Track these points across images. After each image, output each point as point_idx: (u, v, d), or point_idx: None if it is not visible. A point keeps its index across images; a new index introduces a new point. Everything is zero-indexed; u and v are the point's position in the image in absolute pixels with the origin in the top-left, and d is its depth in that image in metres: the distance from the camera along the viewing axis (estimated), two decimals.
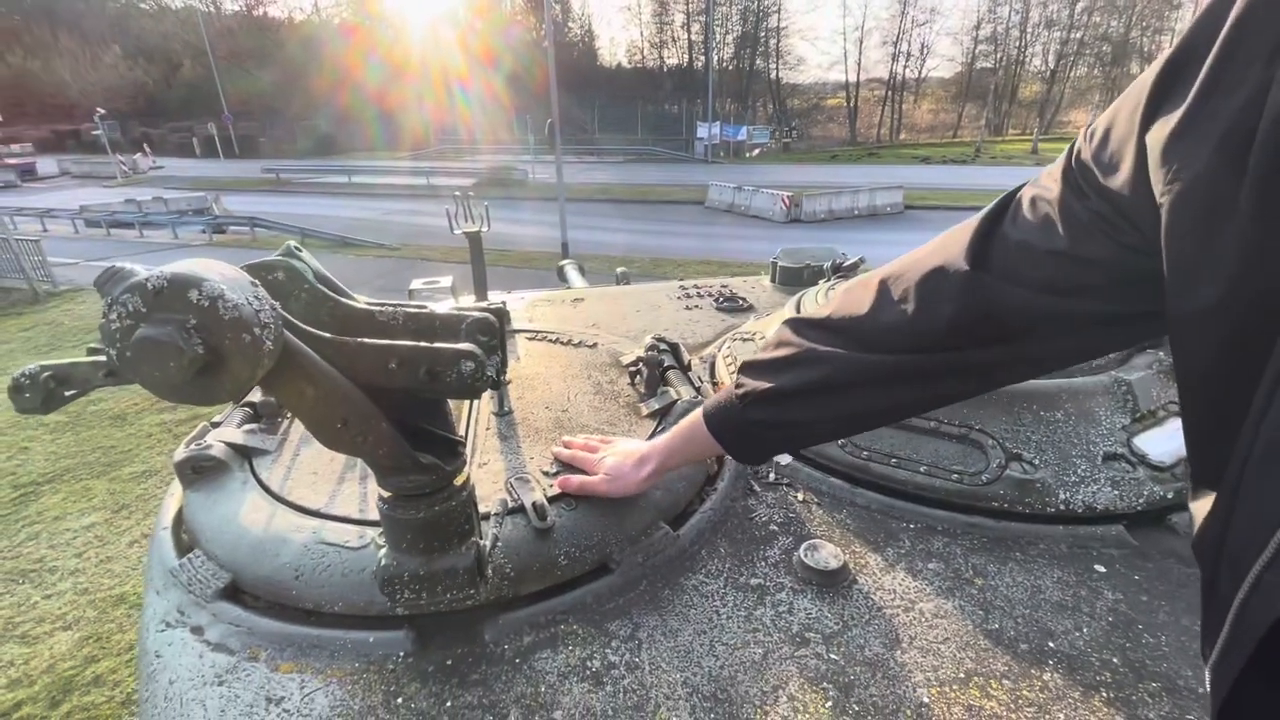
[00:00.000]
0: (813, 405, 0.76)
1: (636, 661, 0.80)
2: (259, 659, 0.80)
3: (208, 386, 0.53)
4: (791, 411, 0.77)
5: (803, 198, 17.61)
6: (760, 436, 0.82)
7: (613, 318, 1.95)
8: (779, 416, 0.78)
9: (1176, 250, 0.47)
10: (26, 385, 0.60)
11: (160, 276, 0.51)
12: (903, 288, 0.69)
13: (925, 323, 0.67)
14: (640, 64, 51.30)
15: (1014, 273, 0.61)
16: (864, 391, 0.73)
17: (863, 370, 0.72)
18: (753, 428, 0.80)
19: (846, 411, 0.76)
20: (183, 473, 1.06)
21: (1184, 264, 0.47)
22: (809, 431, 0.84)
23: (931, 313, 0.66)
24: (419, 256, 14.14)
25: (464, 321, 0.74)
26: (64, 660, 3.47)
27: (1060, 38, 46.53)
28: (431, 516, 0.72)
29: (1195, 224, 0.45)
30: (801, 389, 0.75)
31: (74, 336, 8.81)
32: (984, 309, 0.63)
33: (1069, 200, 0.58)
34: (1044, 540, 1.01)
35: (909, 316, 0.67)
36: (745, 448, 0.86)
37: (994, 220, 0.65)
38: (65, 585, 4.07)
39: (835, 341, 0.74)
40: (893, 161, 34.52)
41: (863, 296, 0.73)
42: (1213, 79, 0.44)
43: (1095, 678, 0.77)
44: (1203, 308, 0.45)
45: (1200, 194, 0.44)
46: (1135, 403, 1.12)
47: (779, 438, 0.84)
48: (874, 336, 0.71)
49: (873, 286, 0.73)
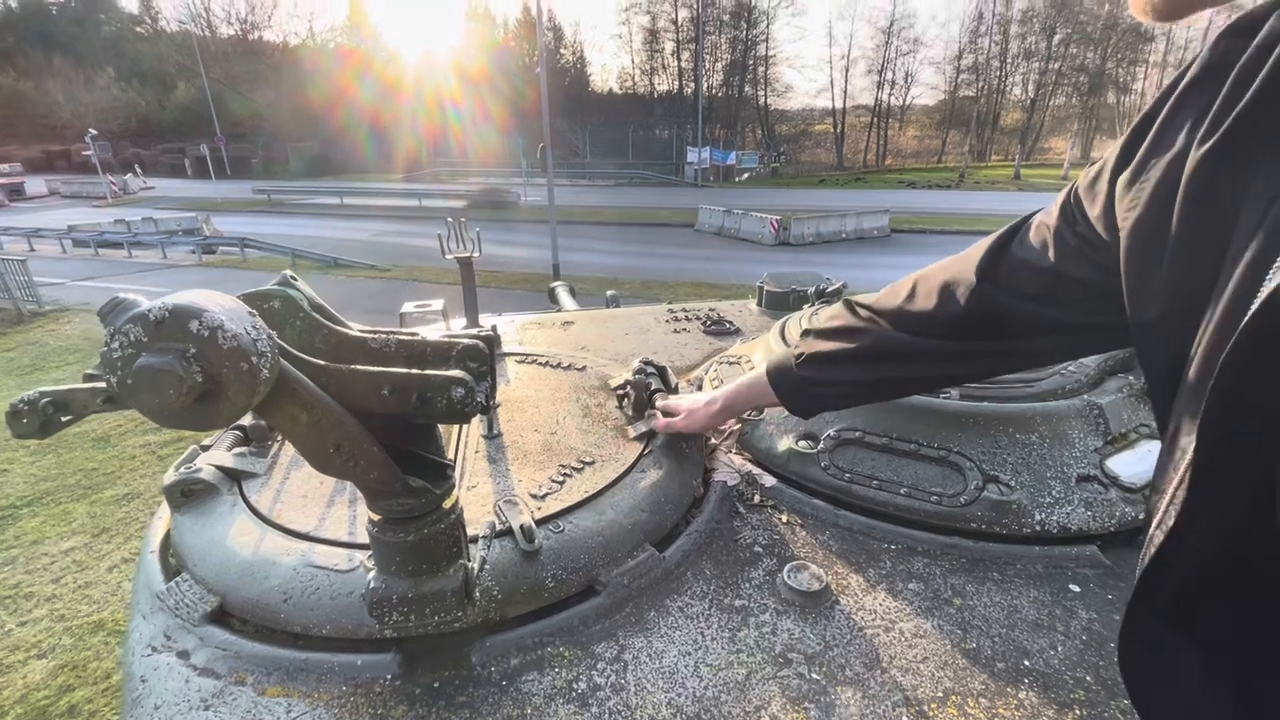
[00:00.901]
0: (854, 368, 0.95)
1: (622, 683, 0.81)
2: (246, 683, 0.80)
3: (205, 413, 0.55)
4: (835, 373, 0.97)
5: (791, 221, 17.88)
6: (808, 392, 1.01)
7: (602, 341, 1.98)
8: (827, 375, 0.98)
9: (1130, 273, 0.57)
10: (25, 411, 0.62)
11: (162, 307, 0.53)
12: (927, 287, 0.87)
13: (943, 317, 0.84)
14: (631, 90, 52.23)
15: (1014, 285, 0.76)
16: (893, 363, 0.91)
17: (895, 345, 0.90)
18: (803, 383, 1.01)
19: (879, 376, 0.94)
20: (172, 496, 1.06)
21: (1135, 284, 0.56)
22: (848, 391, 1.00)
23: (947, 310, 0.83)
24: (410, 278, 14.16)
25: (454, 348, 0.76)
26: (38, 690, 3.38)
27: (1039, 68, 47.98)
28: (420, 539, 0.73)
29: (1141, 252, 0.55)
30: (843, 355, 0.96)
31: (58, 357, 8.71)
32: (988, 311, 0.79)
33: (1062, 227, 0.71)
34: (1020, 560, 1.03)
35: (930, 310, 0.85)
36: (795, 399, 1.04)
37: (1006, 240, 0.80)
38: (41, 612, 3.97)
39: (877, 320, 0.93)
40: (879, 186, 35.16)
41: (900, 290, 0.92)
42: (1156, 140, 0.55)
43: (1069, 695, 0.79)
44: (1150, 320, 0.54)
45: (1143, 230, 0.54)
46: (1107, 426, 1.16)
47: (822, 394, 1.01)
48: (905, 321, 0.89)
49: (909, 283, 0.91)
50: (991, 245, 0.81)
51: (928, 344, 0.87)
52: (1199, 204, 0.49)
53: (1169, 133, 0.54)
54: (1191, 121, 0.51)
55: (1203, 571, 0.45)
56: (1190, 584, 0.46)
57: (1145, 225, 0.54)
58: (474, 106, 43.13)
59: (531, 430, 1.28)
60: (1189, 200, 0.49)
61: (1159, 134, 0.55)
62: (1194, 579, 0.45)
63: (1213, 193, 0.48)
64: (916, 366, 0.90)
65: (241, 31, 53.86)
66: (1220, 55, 0.51)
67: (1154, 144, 0.56)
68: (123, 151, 41.97)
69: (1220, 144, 0.47)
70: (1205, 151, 0.48)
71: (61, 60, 45.37)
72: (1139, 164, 0.56)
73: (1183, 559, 0.45)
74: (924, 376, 0.94)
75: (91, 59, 47.29)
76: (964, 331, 0.83)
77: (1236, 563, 0.44)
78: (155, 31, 54.21)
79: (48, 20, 52.33)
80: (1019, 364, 0.97)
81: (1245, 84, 0.46)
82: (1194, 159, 0.49)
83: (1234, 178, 0.46)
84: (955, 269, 0.84)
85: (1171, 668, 0.48)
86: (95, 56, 47.97)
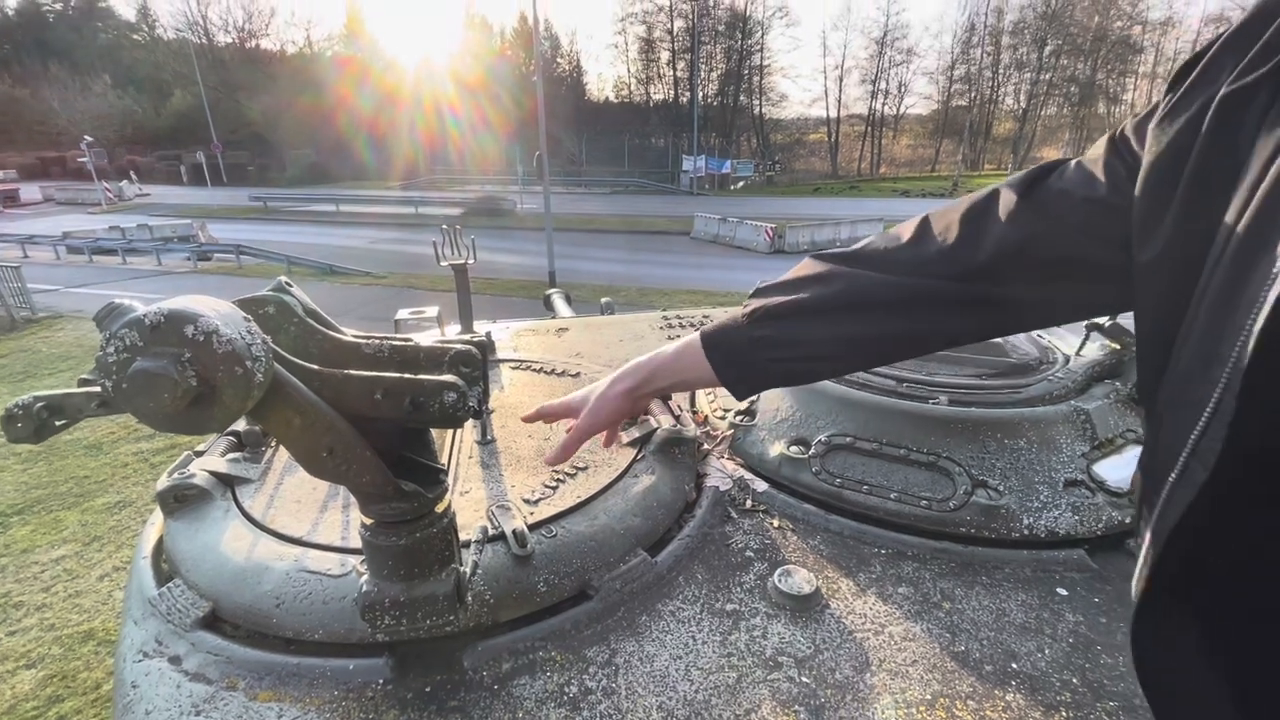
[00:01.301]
0: (821, 323, 0.75)
1: (613, 687, 0.81)
2: (237, 688, 0.80)
3: (199, 417, 0.56)
4: (797, 329, 0.76)
5: (786, 229, 17.99)
6: (755, 358, 0.79)
7: (596, 347, 1.99)
8: (783, 333, 0.76)
9: (1139, 208, 0.56)
10: (19, 415, 0.62)
11: (158, 312, 0.54)
12: (946, 221, 0.73)
13: (965, 250, 0.69)
14: (627, 99, 52.54)
15: (1054, 212, 0.67)
16: (878, 314, 0.73)
17: (883, 290, 0.72)
18: (752, 346, 0.78)
19: (854, 333, 0.75)
20: (165, 501, 1.06)
21: (1143, 220, 0.56)
22: (809, 354, 0.78)
23: (974, 241, 0.69)
24: (405, 285, 14.15)
25: (447, 354, 0.77)
26: (26, 700, 3.34)
27: (1030, 79, 48.52)
28: (413, 543, 0.74)
29: (1154, 189, 0.55)
30: (812, 304, 0.75)
31: (50, 364, 8.66)
32: (1021, 242, 0.67)
33: (1112, 159, 0.65)
34: (1009, 564, 1.04)
35: (949, 244, 0.71)
36: (737, 370, 0.81)
37: (1041, 173, 0.70)
38: (31, 621, 3.93)
39: (860, 266, 0.75)
40: (873, 195, 35.41)
41: (900, 233, 0.76)
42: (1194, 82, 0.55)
43: (1056, 698, 0.80)
44: (1151, 258, 0.54)
45: (1161, 165, 0.54)
46: (1094, 431, 1.17)
47: (776, 359, 0.79)
48: (905, 264, 0.72)
49: (913, 224, 0.76)
50: (1029, 173, 0.71)
51: (930, 286, 0.71)
52: (1218, 138, 0.49)
53: (1209, 74, 0.53)
54: (1231, 65, 0.51)
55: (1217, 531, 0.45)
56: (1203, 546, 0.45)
57: (1165, 160, 0.54)
58: (471, 114, 43.32)
59: (525, 436, 1.29)
60: (1209, 136, 0.49)
61: (1198, 77, 0.54)
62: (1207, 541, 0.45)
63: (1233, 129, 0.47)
64: (909, 318, 0.73)
65: (239, 40, 54.00)
66: (1269, 4, 0.50)
67: (1193, 85, 0.54)
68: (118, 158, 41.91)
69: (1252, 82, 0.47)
70: (1234, 89, 0.48)
71: (58, 67, 45.37)
72: (1174, 104, 0.56)
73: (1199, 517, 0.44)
74: (915, 334, 0.75)
75: (88, 66, 47.29)
76: (984, 270, 0.68)
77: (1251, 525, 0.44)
78: (152, 39, 54.30)
79: (45, 27, 52.40)
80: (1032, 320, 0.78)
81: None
82: (1223, 93, 0.49)
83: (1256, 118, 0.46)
84: (984, 197, 0.72)
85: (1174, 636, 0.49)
86: (92, 63, 47.99)
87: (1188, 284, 0.48)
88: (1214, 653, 0.48)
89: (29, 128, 45.80)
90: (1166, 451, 0.47)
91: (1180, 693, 0.51)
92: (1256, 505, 0.43)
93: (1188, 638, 0.49)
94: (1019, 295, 0.69)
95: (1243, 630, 0.47)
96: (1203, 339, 0.46)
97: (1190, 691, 0.50)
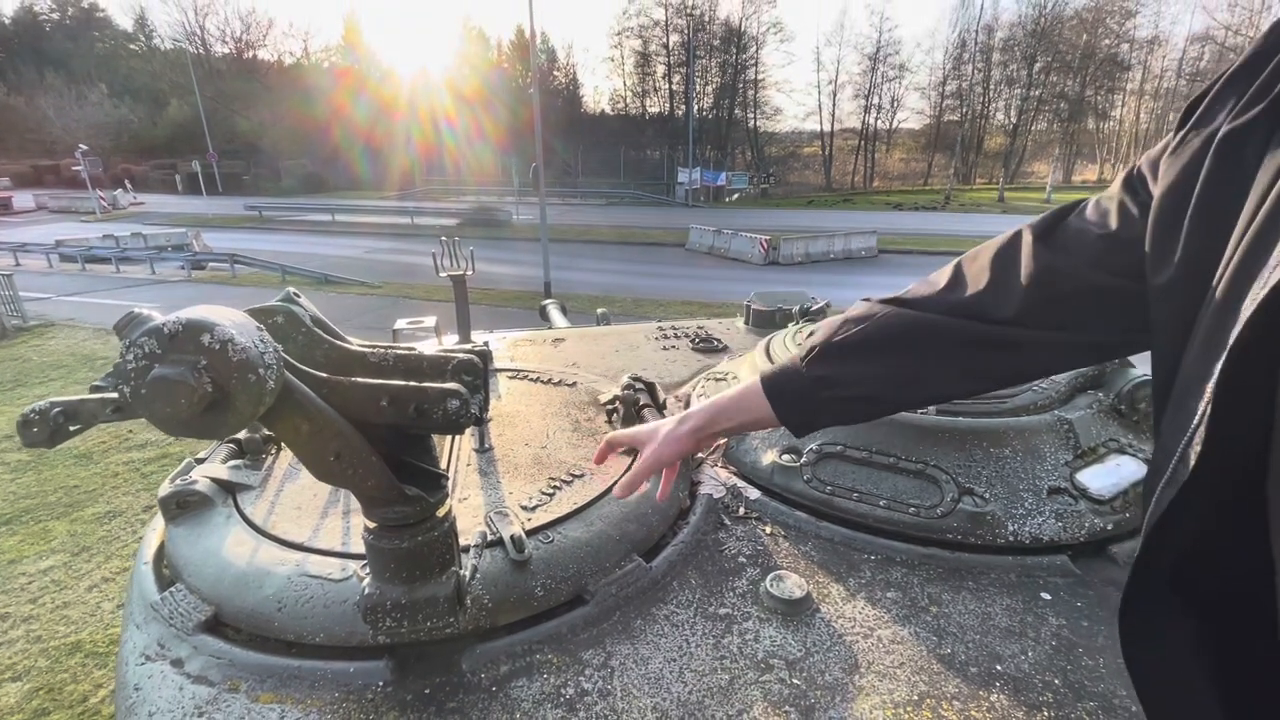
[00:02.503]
0: (876, 360, 0.79)
1: (609, 688, 0.83)
2: (239, 690, 0.82)
3: (213, 422, 0.58)
4: (853, 366, 0.80)
5: (780, 241, 18.12)
6: (815, 396, 0.83)
7: (592, 357, 2.02)
8: (840, 371, 0.81)
9: (1152, 236, 0.60)
10: (35, 420, 0.64)
11: (176, 321, 0.56)
12: (979, 265, 0.77)
13: (999, 294, 0.73)
14: (623, 111, 52.96)
15: (1071, 250, 0.71)
16: (929, 352, 0.77)
17: (931, 329, 0.76)
18: (812, 386, 0.83)
19: (908, 371, 0.79)
20: (167, 507, 1.08)
21: (1155, 248, 0.60)
22: (866, 393, 0.82)
23: (1005, 285, 0.73)
24: (401, 295, 14.16)
25: (450, 362, 0.80)
26: (11, 714, 3.30)
27: (1021, 95, 49.25)
28: (415, 546, 0.76)
29: (1165, 219, 0.59)
30: (864, 343, 0.80)
31: (41, 373, 8.60)
32: (1044, 282, 0.71)
33: (1125, 198, 0.69)
34: (995, 570, 1.07)
35: (984, 289, 0.75)
36: (797, 409, 0.86)
37: (1061, 215, 0.75)
38: (17, 633, 3.89)
39: (908, 308, 0.79)
40: (866, 207, 35.72)
41: (938, 279, 0.80)
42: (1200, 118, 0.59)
43: (1038, 698, 0.83)
44: (1164, 283, 0.58)
45: (1171, 197, 0.58)
46: (1077, 440, 1.21)
47: (835, 398, 0.83)
48: (948, 306, 0.77)
49: (949, 269, 0.80)
50: (1047, 216, 0.76)
51: (973, 328, 0.74)
52: (1220, 172, 0.53)
53: (1213, 110, 0.57)
54: (1233, 101, 0.55)
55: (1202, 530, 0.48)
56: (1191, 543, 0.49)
57: (1173, 193, 0.58)
58: (468, 125, 43.56)
59: (522, 444, 1.31)
60: (1212, 169, 0.53)
61: (1205, 112, 0.59)
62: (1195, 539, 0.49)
63: (1234, 162, 0.51)
64: (956, 358, 0.76)
65: (236, 50, 54.24)
66: (1269, 45, 0.54)
67: (1199, 120, 0.59)
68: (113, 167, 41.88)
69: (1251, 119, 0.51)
70: (1235, 125, 0.52)
71: (54, 76, 45.38)
72: (1183, 139, 0.60)
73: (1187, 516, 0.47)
74: (962, 372, 0.78)
75: (84, 75, 47.32)
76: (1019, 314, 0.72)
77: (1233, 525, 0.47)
78: (149, 49, 54.44)
79: (41, 36, 52.43)
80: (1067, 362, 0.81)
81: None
82: (1224, 130, 0.53)
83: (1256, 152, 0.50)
84: (1007, 243, 0.77)
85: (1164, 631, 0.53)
86: (88, 72, 48.02)
87: (1197, 300, 0.52)
88: (1203, 650, 0.51)
89: (23, 136, 45.71)
90: (1163, 458, 0.51)
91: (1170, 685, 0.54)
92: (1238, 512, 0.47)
93: (1179, 634, 0.52)
94: (1051, 337, 0.73)
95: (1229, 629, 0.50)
96: (1199, 355, 0.50)
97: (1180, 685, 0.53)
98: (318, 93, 45.81)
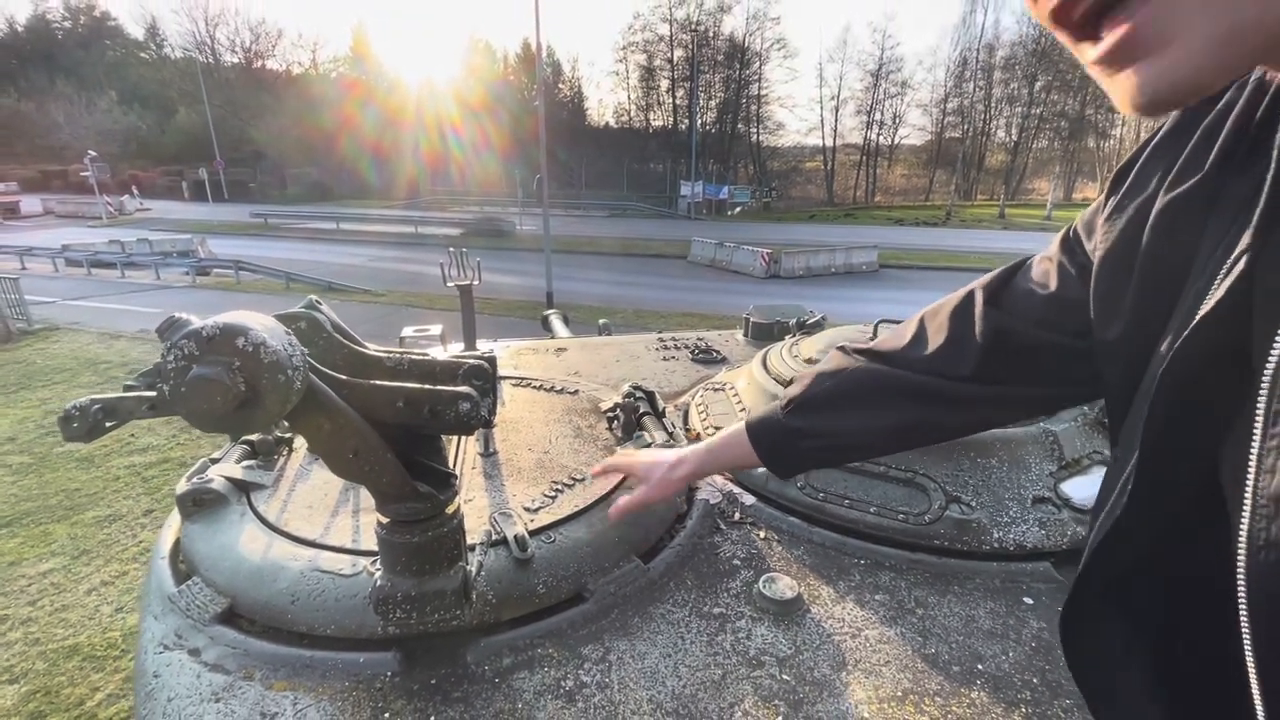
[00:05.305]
0: (848, 414, 0.86)
1: (607, 681, 0.87)
2: (254, 678, 0.86)
3: (244, 419, 0.63)
4: (828, 420, 0.87)
5: (782, 255, 18.23)
6: (795, 445, 0.90)
7: (593, 366, 2.07)
8: (816, 424, 0.88)
9: (1097, 296, 0.65)
10: (76, 416, 0.69)
11: (213, 326, 0.61)
12: (938, 322, 0.83)
13: (956, 353, 0.80)
14: (627, 124, 53.48)
15: (1019, 311, 0.76)
16: (896, 406, 0.83)
17: (898, 385, 0.83)
18: (789, 435, 0.90)
19: (877, 423, 0.85)
20: (183, 505, 1.12)
21: (1100, 307, 0.64)
22: (840, 443, 0.90)
23: (961, 344, 0.79)
24: (404, 303, 14.23)
25: (461, 367, 0.84)
26: (8, 716, 3.31)
27: (1022, 113, 49.71)
28: (425, 541, 0.80)
29: (1108, 280, 0.63)
30: (838, 397, 0.87)
31: (45, 376, 8.64)
32: (995, 341, 0.76)
33: (1063, 259, 0.75)
34: (980, 575, 1.11)
35: (942, 347, 0.81)
36: (780, 455, 0.93)
37: (1010, 273, 0.81)
38: (15, 635, 3.90)
39: (877, 362, 0.86)
40: (868, 222, 35.92)
41: (904, 331, 0.87)
42: (1133, 184, 0.64)
43: (1017, 695, 0.87)
44: (1111, 339, 0.62)
45: (1112, 259, 0.63)
46: (1061, 451, 1.25)
47: (811, 448, 0.90)
48: (911, 361, 0.83)
49: (913, 324, 0.86)
50: (996, 276, 0.81)
51: (935, 384, 0.81)
52: (1160, 241, 0.57)
53: (1143, 178, 0.62)
54: (1163, 169, 0.60)
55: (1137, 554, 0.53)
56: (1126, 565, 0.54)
57: (1114, 255, 0.62)
58: (474, 135, 43.95)
59: (525, 449, 1.35)
60: (1153, 237, 0.57)
61: (1136, 179, 0.63)
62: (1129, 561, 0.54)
63: (1173, 234, 0.56)
64: (921, 410, 0.83)
65: (245, 60, 54.87)
66: (1189, 115, 0.60)
67: (1130, 187, 0.63)
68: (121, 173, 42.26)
69: (1185, 193, 0.56)
70: (1171, 197, 0.57)
71: (64, 83, 45.93)
72: (1118, 204, 0.64)
73: (1123, 542, 0.53)
74: (926, 423, 0.85)
75: (94, 82, 47.90)
76: (975, 372, 0.78)
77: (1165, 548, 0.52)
78: (159, 58, 55.10)
79: (53, 44, 53.15)
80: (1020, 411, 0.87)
81: (1208, 140, 0.55)
82: (1160, 202, 0.57)
83: (1194, 225, 0.54)
84: (961, 303, 0.82)
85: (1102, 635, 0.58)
86: (98, 80, 48.62)
87: (1146, 354, 0.56)
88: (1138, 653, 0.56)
89: (32, 141, 46.16)
90: (1109, 488, 0.57)
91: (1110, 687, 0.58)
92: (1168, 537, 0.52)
93: (1115, 641, 0.57)
94: (1006, 392, 0.79)
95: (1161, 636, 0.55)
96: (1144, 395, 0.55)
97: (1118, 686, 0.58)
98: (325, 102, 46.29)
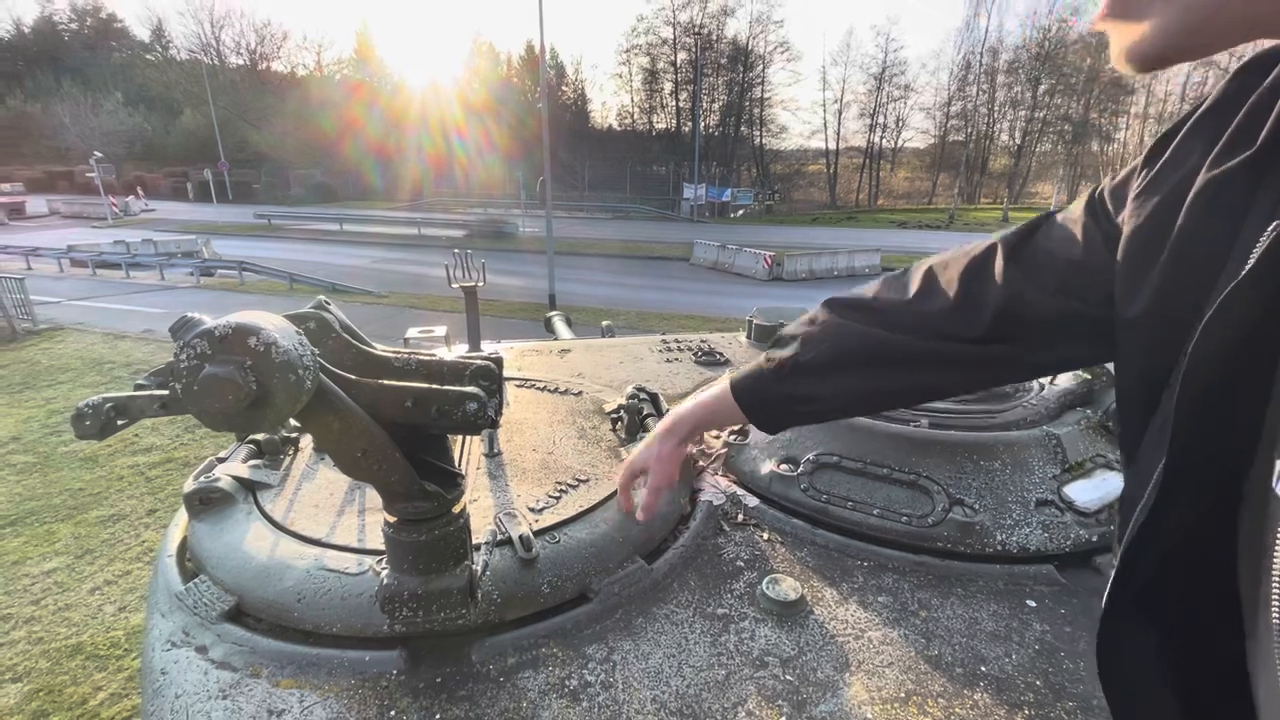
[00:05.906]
0: (845, 377, 0.83)
1: (611, 681, 0.88)
2: (261, 676, 0.86)
3: (255, 417, 0.64)
4: (825, 384, 0.84)
5: (784, 257, 18.25)
6: (788, 410, 0.88)
7: (597, 368, 2.07)
8: (812, 390, 0.84)
9: (1123, 269, 0.63)
10: (89, 414, 0.70)
11: (226, 325, 0.62)
12: (949, 276, 0.79)
13: (968, 312, 0.76)
14: (630, 127, 53.56)
15: (1039, 273, 0.73)
16: (896, 371, 0.81)
17: (900, 350, 0.79)
18: (783, 401, 0.87)
19: (874, 387, 0.83)
20: (190, 503, 1.13)
21: (1126, 282, 0.62)
22: (834, 406, 0.88)
23: (975, 302, 0.76)
24: (406, 304, 14.26)
25: (468, 368, 0.85)
26: (11, 715, 3.32)
27: (1025, 116, 49.68)
28: (431, 539, 0.81)
29: (1138, 254, 0.61)
30: (830, 364, 0.83)
31: (49, 375, 8.68)
32: (1012, 303, 0.73)
33: (1089, 223, 0.72)
34: (983, 577, 1.11)
35: (953, 306, 0.77)
36: (768, 417, 0.91)
37: (1029, 231, 0.77)
38: (19, 634, 3.92)
39: (873, 321, 0.82)
40: (871, 225, 35.93)
41: (907, 283, 0.82)
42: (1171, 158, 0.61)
43: (1020, 697, 0.87)
44: (1135, 315, 0.60)
45: (1144, 234, 0.61)
46: (1064, 455, 1.25)
47: (805, 411, 0.89)
48: (917, 323, 0.79)
49: (919, 275, 0.82)
50: (1017, 232, 0.77)
51: (940, 348, 0.77)
52: (1202, 219, 0.54)
53: (1184, 152, 0.59)
54: (1204, 145, 0.57)
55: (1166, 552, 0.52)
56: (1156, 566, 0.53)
57: (1146, 229, 0.59)
58: (478, 137, 44.07)
59: (530, 450, 1.36)
60: (1192, 214, 0.55)
61: (1175, 152, 0.60)
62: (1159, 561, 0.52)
63: (1217, 212, 0.53)
64: (921, 374, 0.80)
65: (250, 62, 55.10)
66: (1235, 89, 0.56)
67: (1170, 160, 0.61)
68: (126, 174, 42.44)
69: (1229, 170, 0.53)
70: (1214, 175, 0.54)
71: (70, 84, 46.16)
72: (1154, 177, 0.62)
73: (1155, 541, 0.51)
74: (925, 386, 0.83)
75: (100, 84, 48.12)
76: (987, 332, 0.75)
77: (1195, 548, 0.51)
78: (165, 59, 55.34)
79: (59, 45, 53.44)
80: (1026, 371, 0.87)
81: (1258, 117, 0.53)
82: (1203, 178, 0.54)
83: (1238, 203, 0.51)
84: (979, 259, 0.78)
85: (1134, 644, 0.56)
86: (104, 81, 48.85)
87: (1171, 338, 0.54)
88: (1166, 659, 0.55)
89: (38, 142, 46.39)
90: (1138, 484, 0.54)
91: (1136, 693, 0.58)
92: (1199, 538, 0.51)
93: (1145, 645, 0.56)
94: (1016, 353, 0.77)
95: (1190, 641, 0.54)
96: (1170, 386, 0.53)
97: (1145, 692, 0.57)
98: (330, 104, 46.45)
